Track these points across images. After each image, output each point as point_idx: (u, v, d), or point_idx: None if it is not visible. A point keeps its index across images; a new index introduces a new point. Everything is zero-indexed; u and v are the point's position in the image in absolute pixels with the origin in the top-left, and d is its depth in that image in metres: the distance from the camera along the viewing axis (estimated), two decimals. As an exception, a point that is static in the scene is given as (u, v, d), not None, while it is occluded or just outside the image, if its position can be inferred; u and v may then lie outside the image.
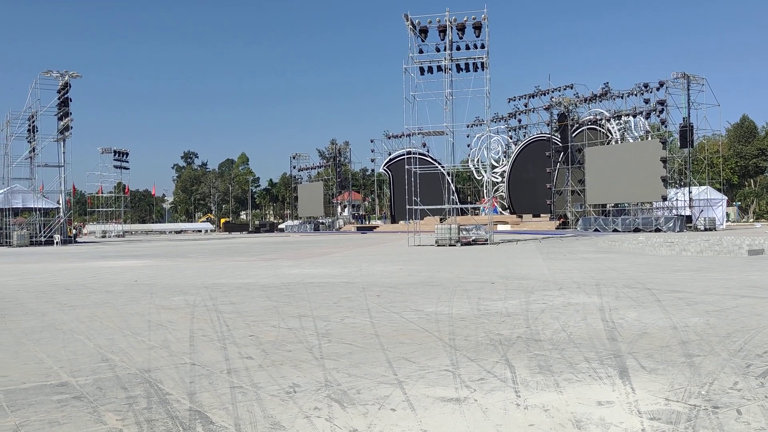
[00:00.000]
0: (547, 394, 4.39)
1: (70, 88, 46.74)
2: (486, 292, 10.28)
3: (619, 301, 8.90)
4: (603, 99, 49.60)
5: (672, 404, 4.10)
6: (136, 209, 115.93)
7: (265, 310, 8.76)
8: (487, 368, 5.14)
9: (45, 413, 4.17)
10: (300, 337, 6.69)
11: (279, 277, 14.18)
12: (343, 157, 78.78)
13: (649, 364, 5.16)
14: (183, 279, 14.05)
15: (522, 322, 7.37)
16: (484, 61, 29.93)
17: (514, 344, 6.09)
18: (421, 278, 13.10)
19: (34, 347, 6.47)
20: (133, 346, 6.39)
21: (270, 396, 4.46)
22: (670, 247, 21.94)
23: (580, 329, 6.81)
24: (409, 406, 4.15)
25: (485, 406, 4.12)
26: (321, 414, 4.03)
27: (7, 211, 45.68)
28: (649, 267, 15.03)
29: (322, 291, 11.04)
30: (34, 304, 9.95)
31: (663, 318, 7.43)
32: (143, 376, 5.10)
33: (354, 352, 5.91)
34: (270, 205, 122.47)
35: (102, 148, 70.10)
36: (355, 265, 17.30)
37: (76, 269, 18.32)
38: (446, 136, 33.17)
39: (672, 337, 6.31)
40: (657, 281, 11.57)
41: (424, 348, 6.00)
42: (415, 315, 8.05)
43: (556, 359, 5.42)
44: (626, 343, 6.03)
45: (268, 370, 5.22)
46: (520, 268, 15.19)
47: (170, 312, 8.79)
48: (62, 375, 5.23)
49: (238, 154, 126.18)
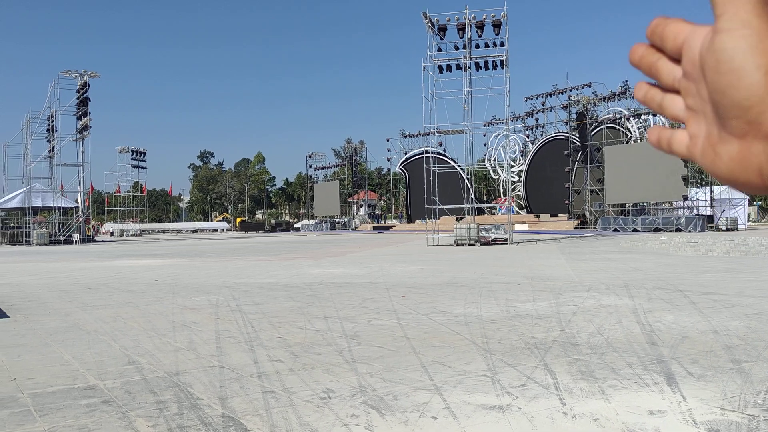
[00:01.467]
0: (594, 401, 4.20)
1: (89, 87, 47.07)
2: (513, 293, 10.07)
3: (652, 303, 8.66)
4: (622, 97, 49.07)
5: (728, 414, 3.88)
6: (153, 208, 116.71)
7: (289, 311, 8.62)
8: (526, 374, 4.95)
9: (74, 418, 4.05)
10: (328, 340, 6.54)
11: (300, 276, 14.05)
12: (358, 157, 78.71)
13: (696, 371, 4.95)
14: (204, 278, 13.97)
15: (555, 324, 7.16)
16: (503, 60, 29.65)
17: (550, 348, 5.89)
18: (444, 279, 12.91)
19: (60, 348, 6.37)
20: (159, 348, 6.27)
21: (304, 402, 4.31)
22: (694, 247, 21.56)
23: (616, 332, 6.60)
24: (450, 414, 3.98)
25: (530, 415, 3.94)
26: (359, 422, 3.86)
27: (27, 210, 46.06)
28: (676, 268, 14.72)
29: (345, 291, 10.89)
30: (57, 304, 9.89)
31: (701, 321, 7.19)
32: (172, 380, 4.97)
33: (386, 355, 5.74)
34: (286, 205, 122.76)
35: (120, 147, 70.55)
36: (375, 265, 17.14)
37: (96, 268, 18.33)
38: (464, 135, 32.92)
39: (714, 341, 6.08)
40: (687, 282, 11.29)
41: (458, 352, 5.82)
42: (444, 317, 7.87)
43: (597, 364, 5.22)
44: (668, 348, 5.81)
45: (299, 374, 5.07)
46: (544, 269, 14.95)
47: (194, 312, 8.68)
48: (89, 378, 5.11)
49: (254, 154, 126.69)
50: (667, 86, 0.52)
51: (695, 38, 0.47)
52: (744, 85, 0.42)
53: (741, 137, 0.44)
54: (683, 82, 0.49)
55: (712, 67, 0.44)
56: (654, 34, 0.50)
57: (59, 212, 47.99)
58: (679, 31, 0.49)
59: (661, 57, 0.51)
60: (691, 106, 0.49)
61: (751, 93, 0.42)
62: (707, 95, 0.46)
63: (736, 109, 0.43)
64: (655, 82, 0.53)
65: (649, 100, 0.54)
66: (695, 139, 0.49)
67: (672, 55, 0.50)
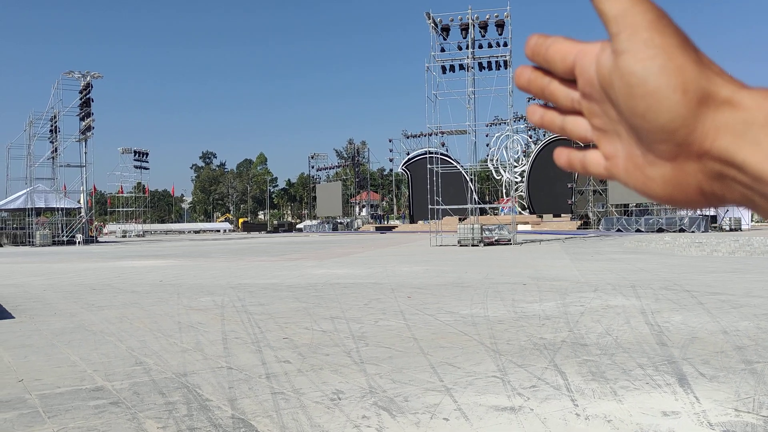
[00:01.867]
0: (606, 403, 4.16)
1: (91, 88, 47.09)
2: (519, 294, 10.03)
3: (659, 304, 8.62)
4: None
5: (743, 416, 3.85)
6: (156, 209, 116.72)
7: (295, 312, 8.59)
8: (536, 374, 4.91)
9: (83, 420, 4.02)
10: (335, 340, 6.50)
11: (304, 277, 14.03)
12: (361, 157, 78.72)
13: (708, 371, 4.91)
14: (208, 279, 13.95)
15: (563, 325, 7.12)
16: (507, 59, 29.61)
17: (559, 349, 5.86)
18: (449, 279, 12.87)
19: (66, 349, 6.35)
20: (166, 349, 6.24)
21: (314, 403, 4.27)
22: (699, 247, 21.50)
23: (625, 333, 6.56)
24: (462, 416, 3.94)
25: (543, 416, 3.90)
26: (371, 423, 3.83)
27: (30, 211, 46.10)
28: (682, 268, 14.68)
29: (350, 292, 10.86)
30: (62, 305, 9.87)
31: (710, 322, 7.15)
32: (180, 381, 4.94)
33: (394, 356, 5.71)
34: (288, 205, 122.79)
35: (122, 148, 70.62)
36: (380, 266, 17.11)
37: (100, 269, 18.33)
38: (467, 135, 32.89)
39: (725, 342, 6.04)
40: (694, 283, 11.24)
41: (467, 352, 5.79)
42: (451, 317, 7.84)
43: (608, 365, 5.18)
44: (678, 348, 5.77)
45: (308, 375, 5.04)
46: (549, 269, 14.91)
47: (199, 313, 8.65)
48: (97, 379, 5.09)
49: (257, 154, 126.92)
50: (567, 108, 0.48)
51: (586, 57, 0.44)
52: (664, 108, 0.39)
53: (672, 159, 0.41)
54: (584, 104, 0.46)
55: (623, 92, 0.41)
56: (536, 55, 0.47)
57: (62, 213, 48.02)
58: (566, 52, 0.45)
59: (552, 80, 0.47)
60: (599, 127, 0.46)
61: (673, 115, 0.39)
62: (617, 116, 0.43)
63: (661, 133, 0.40)
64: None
65: (548, 124, 0.50)
66: (613, 159, 0.45)
67: (563, 76, 0.46)
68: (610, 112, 0.44)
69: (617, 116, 0.43)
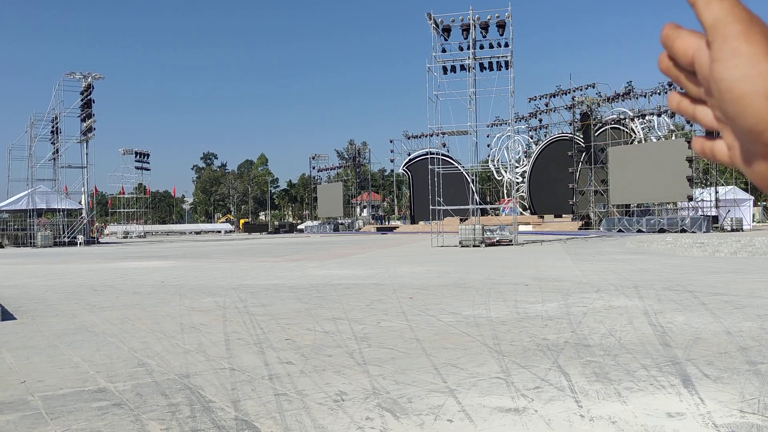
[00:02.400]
0: (611, 404, 4.15)
1: (92, 89, 47.08)
2: (521, 295, 10.02)
3: (662, 304, 8.60)
4: (626, 98, 48.95)
5: (748, 417, 3.83)
6: (157, 210, 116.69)
7: (297, 313, 8.58)
8: (540, 376, 4.90)
9: (86, 421, 4.01)
10: (338, 341, 6.49)
11: (306, 278, 14.02)
12: (362, 158, 78.68)
13: (712, 372, 4.89)
14: (210, 280, 13.94)
15: (566, 326, 7.11)
16: (508, 60, 29.60)
17: (563, 350, 5.84)
18: (451, 280, 12.86)
19: (68, 350, 6.34)
20: (169, 350, 6.23)
21: (317, 404, 4.26)
22: (701, 248, 21.47)
23: (628, 334, 6.54)
24: (466, 417, 3.93)
25: (547, 418, 3.89)
26: (374, 425, 3.82)
27: (31, 212, 46.11)
28: (684, 268, 14.65)
29: (352, 293, 10.85)
30: (64, 306, 9.86)
31: (713, 322, 7.13)
32: (183, 382, 4.93)
33: (397, 357, 5.70)
34: (289, 206, 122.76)
35: (123, 149, 70.57)
36: (381, 266, 17.10)
37: (101, 270, 18.32)
38: (468, 135, 32.88)
39: (728, 342, 6.02)
40: (696, 283, 11.22)
41: (470, 353, 5.77)
42: (453, 318, 7.82)
43: (611, 366, 5.17)
44: (681, 349, 5.75)
45: (311, 376, 5.03)
46: (550, 270, 14.89)
47: (201, 314, 8.64)
48: (99, 380, 5.08)
49: (257, 155, 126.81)
50: (696, 98, 0.52)
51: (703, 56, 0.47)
52: (750, 112, 0.43)
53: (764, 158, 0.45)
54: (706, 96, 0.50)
55: (717, 96, 0.45)
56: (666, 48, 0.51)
57: (63, 214, 48.03)
58: (687, 47, 0.49)
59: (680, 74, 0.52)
60: (719, 119, 0.49)
61: (759, 119, 0.43)
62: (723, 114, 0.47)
63: (750, 134, 0.44)
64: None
65: (683, 111, 0.54)
66: (733, 149, 0.50)
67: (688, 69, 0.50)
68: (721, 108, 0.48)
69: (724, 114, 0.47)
